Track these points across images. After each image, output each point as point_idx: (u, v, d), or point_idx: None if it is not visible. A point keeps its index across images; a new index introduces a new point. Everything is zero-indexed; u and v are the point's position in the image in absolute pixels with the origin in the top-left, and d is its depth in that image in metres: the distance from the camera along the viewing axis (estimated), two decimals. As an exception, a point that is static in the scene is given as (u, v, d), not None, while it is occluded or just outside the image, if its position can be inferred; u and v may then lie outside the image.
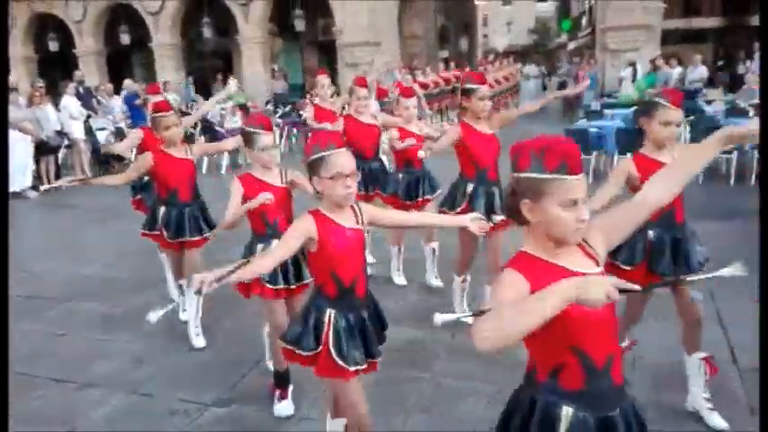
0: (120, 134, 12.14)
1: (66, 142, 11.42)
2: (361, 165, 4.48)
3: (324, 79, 6.32)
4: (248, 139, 3.27)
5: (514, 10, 51.38)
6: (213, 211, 4.41)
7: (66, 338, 4.61)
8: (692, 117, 9.67)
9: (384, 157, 5.72)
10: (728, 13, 19.33)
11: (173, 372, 3.96)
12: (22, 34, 21.28)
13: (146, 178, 4.93)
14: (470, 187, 4.09)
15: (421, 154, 4.26)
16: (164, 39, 19.95)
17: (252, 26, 19.06)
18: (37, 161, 10.55)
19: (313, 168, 2.41)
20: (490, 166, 4.10)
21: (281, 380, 3.47)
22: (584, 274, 1.59)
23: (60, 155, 11.34)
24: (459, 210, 4.02)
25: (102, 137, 12.05)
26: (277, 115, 14.12)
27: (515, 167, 1.67)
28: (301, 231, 2.40)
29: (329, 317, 2.49)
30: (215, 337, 4.39)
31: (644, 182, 1.98)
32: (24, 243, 6.88)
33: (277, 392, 3.47)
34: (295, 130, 13.72)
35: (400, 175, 5.00)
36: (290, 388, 3.48)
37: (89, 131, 12.00)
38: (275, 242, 2.91)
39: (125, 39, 20.09)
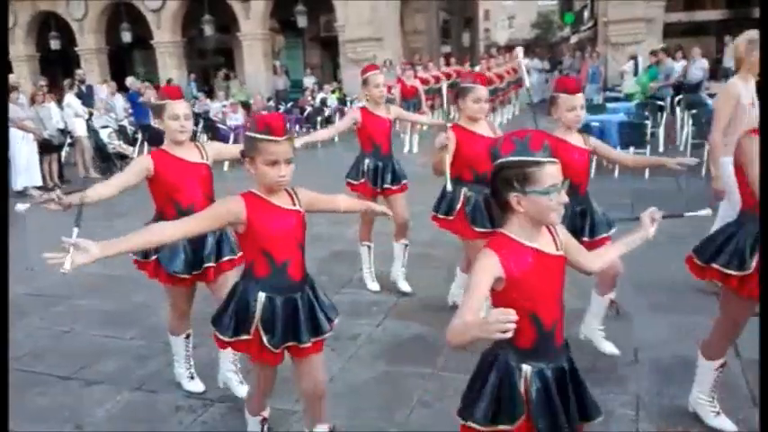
0: (123, 132, 12.18)
1: (69, 140, 11.46)
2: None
3: (378, 77, 4.74)
4: (524, 178, 1.85)
5: (516, 4, 51.25)
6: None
7: (71, 335, 4.64)
8: (694, 110, 9.65)
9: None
10: (731, 5, 19.23)
11: (177, 368, 3.96)
12: (23, 33, 21.36)
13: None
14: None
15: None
16: (165, 36, 19.99)
17: (253, 23, 19.09)
18: (41, 160, 10.59)
19: None
20: None
21: None
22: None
23: (63, 153, 11.36)
24: None
25: (104, 135, 12.09)
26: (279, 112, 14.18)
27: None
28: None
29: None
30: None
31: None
32: (28, 240, 6.90)
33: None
34: (297, 127, 13.73)
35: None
36: None
37: (91, 129, 12.04)
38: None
39: (126, 36, 20.15)
